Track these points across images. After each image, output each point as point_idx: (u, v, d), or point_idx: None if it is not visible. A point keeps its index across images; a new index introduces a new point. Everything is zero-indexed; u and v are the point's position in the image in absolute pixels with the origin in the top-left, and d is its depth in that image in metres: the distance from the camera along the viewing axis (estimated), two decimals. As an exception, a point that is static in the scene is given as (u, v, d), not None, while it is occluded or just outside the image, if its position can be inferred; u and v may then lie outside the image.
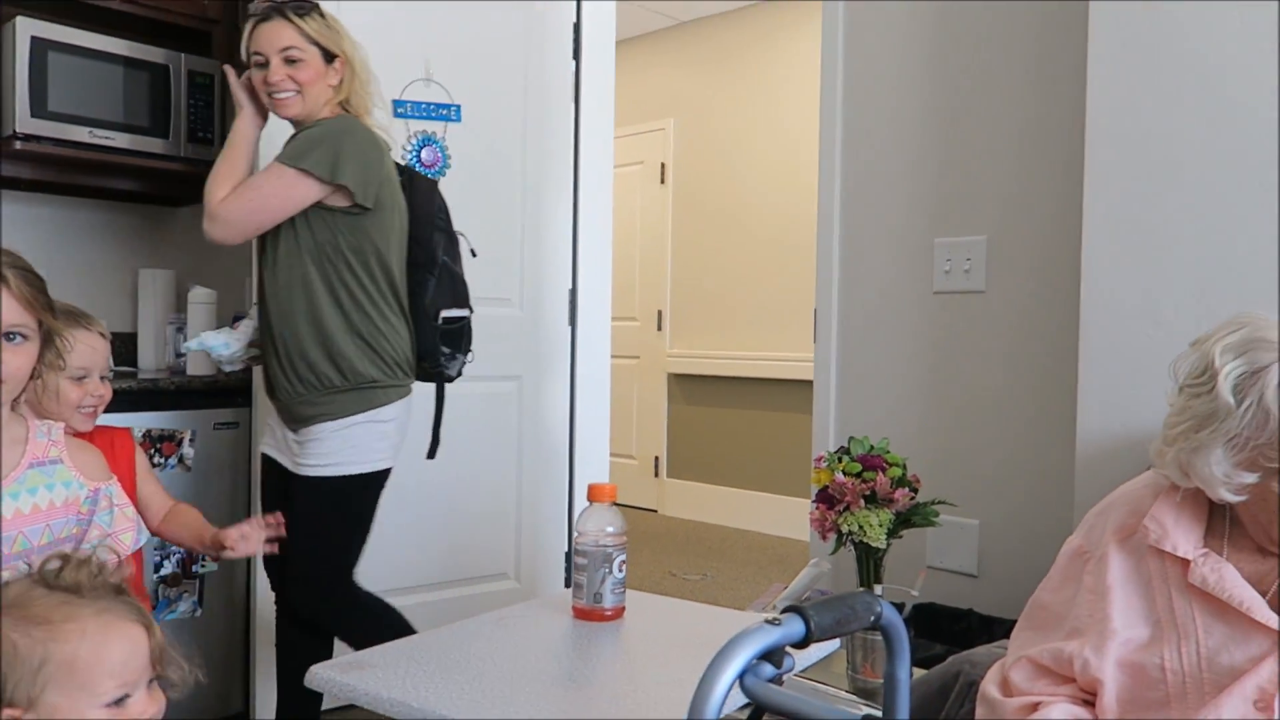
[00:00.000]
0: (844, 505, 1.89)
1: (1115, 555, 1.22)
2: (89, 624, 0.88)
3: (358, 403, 1.89)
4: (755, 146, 4.83)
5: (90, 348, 1.51)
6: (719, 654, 0.89)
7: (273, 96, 1.91)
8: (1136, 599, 1.19)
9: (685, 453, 5.17)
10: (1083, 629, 1.20)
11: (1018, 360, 2.27)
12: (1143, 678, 1.15)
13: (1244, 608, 1.10)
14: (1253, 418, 1.07)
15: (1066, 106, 2.12)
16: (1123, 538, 1.22)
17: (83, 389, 1.52)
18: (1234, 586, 1.12)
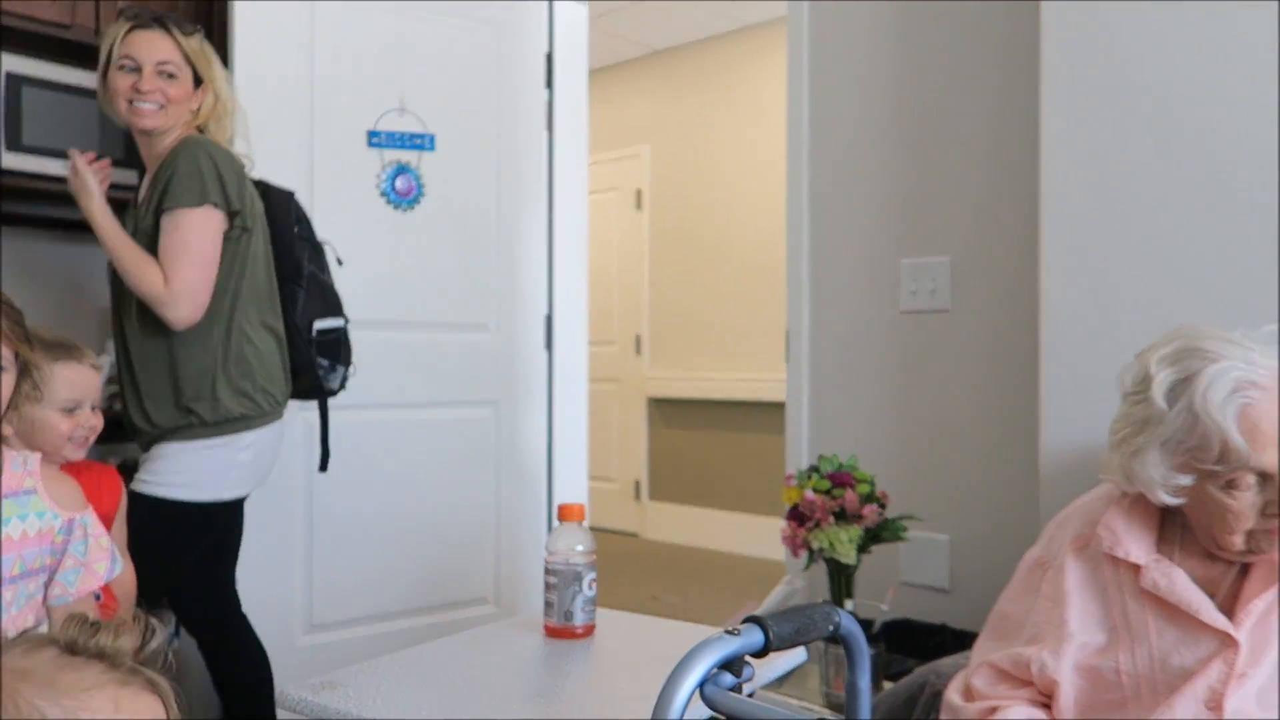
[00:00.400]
0: (814, 522, 1.93)
1: (1072, 564, 1.26)
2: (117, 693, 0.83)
3: (215, 430, 1.82)
4: (729, 172, 4.90)
5: (81, 379, 1.54)
6: (679, 664, 0.92)
7: (135, 105, 1.88)
8: (1093, 605, 1.23)
9: (666, 476, 5.19)
10: (1041, 635, 1.23)
11: (983, 377, 2.32)
12: (1099, 681, 1.19)
13: (1193, 610, 1.14)
14: (1183, 421, 1.12)
15: (1026, 130, 2.18)
16: (1079, 547, 1.27)
17: (74, 420, 1.54)
18: (1184, 590, 1.16)
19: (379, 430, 2.62)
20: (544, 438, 2.96)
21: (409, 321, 2.68)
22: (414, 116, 2.66)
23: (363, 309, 2.59)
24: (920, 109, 2.41)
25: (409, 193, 2.67)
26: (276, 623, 2.42)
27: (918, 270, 2.40)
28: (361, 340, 2.58)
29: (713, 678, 0.94)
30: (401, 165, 2.65)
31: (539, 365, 2.95)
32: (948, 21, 2.36)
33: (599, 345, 5.20)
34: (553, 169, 2.98)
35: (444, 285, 2.74)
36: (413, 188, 2.67)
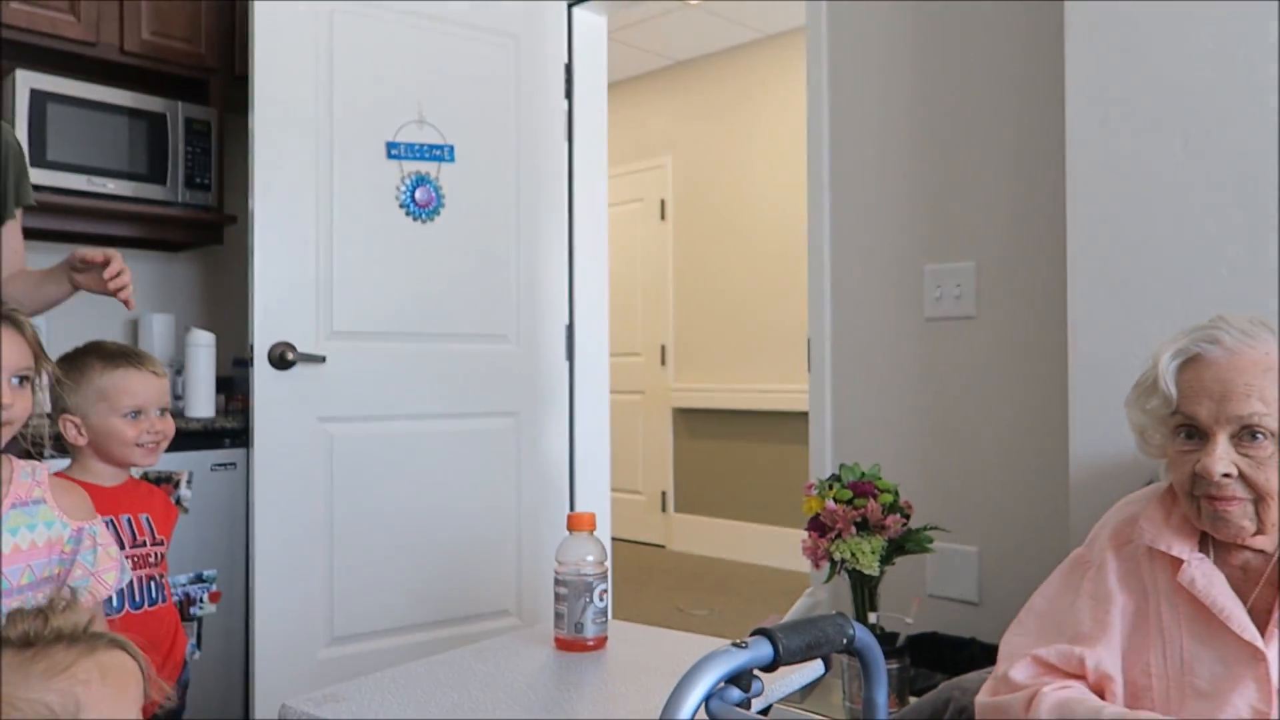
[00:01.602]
0: (835, 533, 1.88)
1: (1112, 561, 1.23)
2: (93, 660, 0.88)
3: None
4: (752, 181, 4.87)
5: (141, 386, 1.58)
6: (683, 678, 0.89)
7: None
8: (1134, 602, 1.19)
9: (692, 487, 5.15)
10: (1087, 634, 1.20)
11: (1010, 385, 2.26)
12: (1132, 686, 1.15)
13: (1224, 615, 1.10)
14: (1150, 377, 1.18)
15: (1051, 132, 2.14)
16: (1119, 544, 1.24)
17: (137, 427, 1.58)
18: (1220, 594, 1.12)
19: (399, 442, 2.61)
20: (565, 448, 2.94)
21: (429, 333, 2.68)
22: (433, 128, 2.66)
23: (383, 320, 2.59)
24: (942, 112, 2.37)
25: (429, 204, 2.67)
26: (298, 634, 2.42)
27: (942, 276, 2.36)
28: (382, 351, 2.59)
29: (719, 692, 0.91)
30: (421, 176, 2.65)
31: (560, 376, 2.93)
32: (969, 24, 2.33)
33: (624, 356, 5.18)
34: (572, 179, 2.97)
35: (464, 296, 2.73)
36: (432, 199, 2.67)
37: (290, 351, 2.42)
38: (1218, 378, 1.11)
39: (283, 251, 2.44)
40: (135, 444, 1.58)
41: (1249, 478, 1.09)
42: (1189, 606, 1.14)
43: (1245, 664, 1.08)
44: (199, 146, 2.62)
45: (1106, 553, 1.24)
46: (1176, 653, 1.13)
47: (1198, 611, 1.13)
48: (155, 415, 1.61)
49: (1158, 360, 1.16)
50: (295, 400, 2.44)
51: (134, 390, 1.57)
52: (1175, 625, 1.14)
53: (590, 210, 3.02)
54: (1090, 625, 1.20)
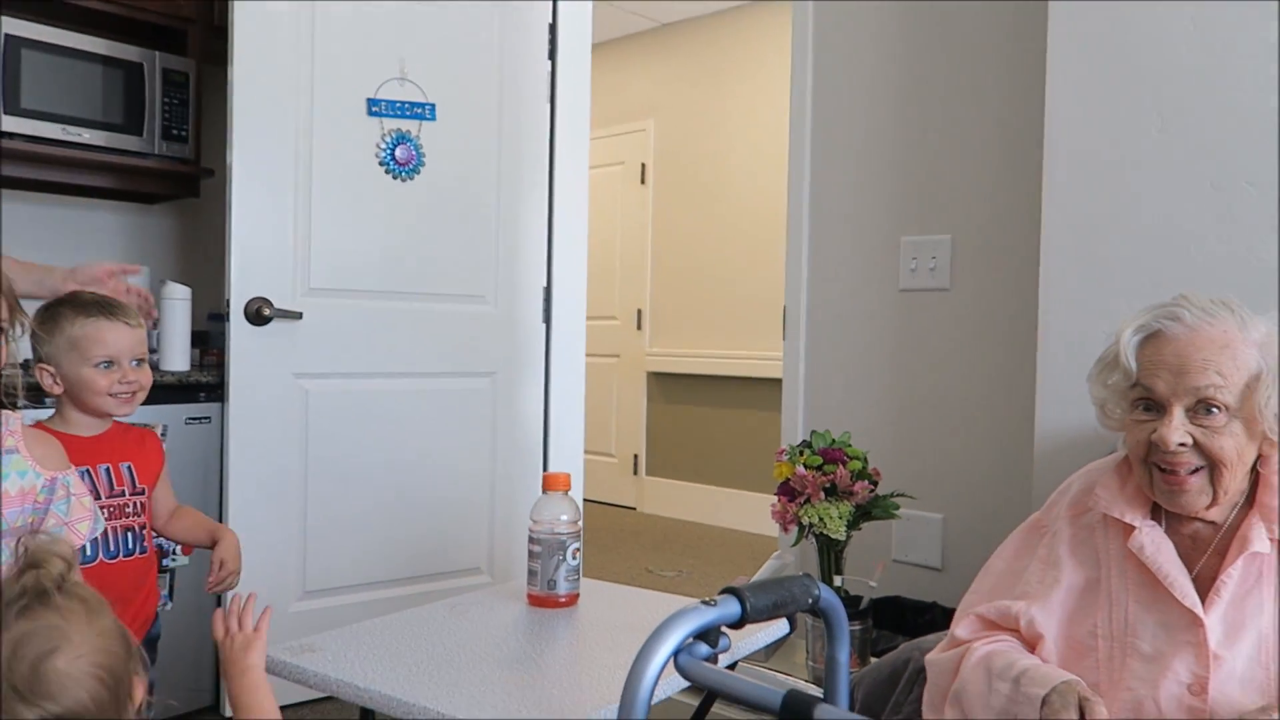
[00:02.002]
0: (805, 498, 1.92)
1: (1068, 529, 1.28)
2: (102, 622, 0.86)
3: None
4: (734, 147, 4.87)
5: (114, 336, 1.56)
6: (654, 633, 0.92)
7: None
8: (1083, 570, 1.24)
9: (664, 451, 5.20)
10: (1031, 593, 1.25)
11: (980, 357, 2.31)
12: (1077, 645, 1.21)
13: (1167, 582, 1.15)
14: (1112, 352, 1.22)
15: (1030, 109, 2.16)
16: (1076, 514, 1.29)
17: (109, 377, 1.56)
18: (1167, 562, 1.16)
19: (375, 400, 2.62)
20: (540, 410, 2.96)
21: (407, 292, 2.68)
22: (414, 85, 2.64)
23: (361, 278, 2.59)
24: (925, 88, 2.39)
25: (409, 162, 2.65)
26: (270, 588, 2.43)
27: (918, 248, 2.39)
28: (359, 309, 2.59)
29: (688, 647, 0.94)
30: (402, 134, 2.63)
31: (537, 337, 2.95)
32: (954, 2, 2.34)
33: (600, 320, 5.19)
34: (554, 141, 2.96)
35: (443, 256, 2.73)
36: (413, 157, 2.66)
37: (267, 307, 2.42)
38: (1176, 353, 1.15)
39: (260, 206, 2.43)
40: (108, 394, 1.57)
41: (1203, 446, 1.13)
42: (1137, 573, 1.19)
43: (1185, 630, 1.13)
44: (176, 98, 2.59)
45: (1062, 520, 1.29)
46: (1122, 616, 1.18)
47: (1145, 577, 1.18)
48: (130, 365, 1.60)
49: (1120, 336, 1.20)
50: (271, 356, 2.44)
51: (105, 340, 1.56)
52: (1123, 590, 1.19)
53: (571, 173, 3.01)
54: (1035, 586, 1.26)
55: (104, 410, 1.60)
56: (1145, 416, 1.17)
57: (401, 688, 1.03)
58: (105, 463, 1.62)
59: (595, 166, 3.56)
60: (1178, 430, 1.13)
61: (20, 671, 0.76)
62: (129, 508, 1.62)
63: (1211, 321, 1.15)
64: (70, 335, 1.55)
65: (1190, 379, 1.13)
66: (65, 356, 1.56)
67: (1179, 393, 1.14)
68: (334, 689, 1.06)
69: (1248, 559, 1.13)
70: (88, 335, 1.55)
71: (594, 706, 1.01)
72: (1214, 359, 1.13)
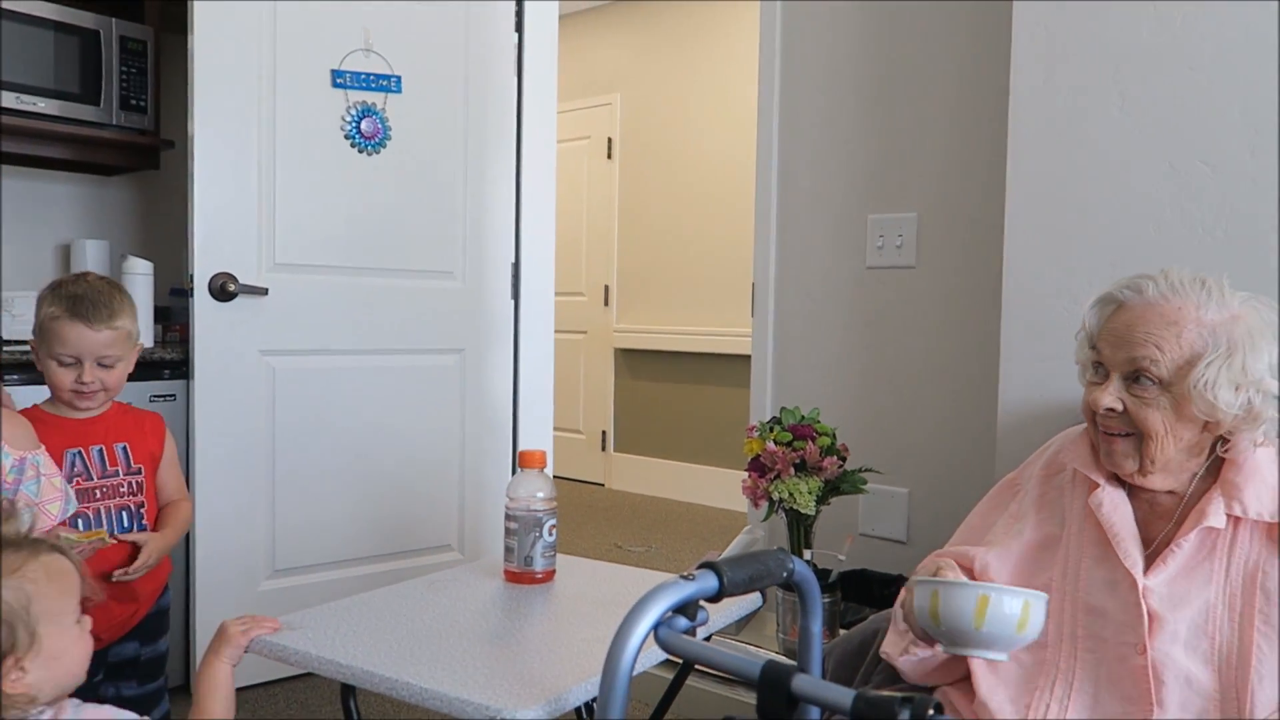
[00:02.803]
0: (775, 473, 1.95)
1: (1038, 489, 1.33)
2: (39, 562, 1.00)
3: None
4: (701, 122, 4.86)
5: (75, 336, 1.53)
6: (635, 607, 0.93)
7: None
8: (1047, 527, 1.29)
9: (632, 427, 5.22)
10: (994, 542, 1.31)
11: (946, 333, 2.34)
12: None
13: (1116, 541, 1.19)
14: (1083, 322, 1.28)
15: (996, 89, 2.18)
16: (1049, 473, 1.34)
17: (68, 374, 1.55)
18: (1120, 523, 1.21)
19: (343, 376, 2.60)
20: (509, 386, 2.96)
21: (374, 268, 2.65)
22: (380, 57, 2.61)
23: (327, 253, 2.56)
24: (890, 65, 2.40)
25: (375, 136, 2.62)
26: (239, 567, 2.43)
27: (885, 225, 2.41)
28: (326, 285, 2.56)
29: (667, 621, 0.96)
30: (367, 107, 2.60)
31: (505, 314, 2.94)
32: (922, -26, 2.34)
33: (568, 296, 5.18)
34: (521, 114, 2.94)
35: (409, 231, 2.71)
36: (378, 131, 2.63)
37: (231, 283, 2.38)
38: (1127, 323, 1.20)
39: (223, 179, 2.39)
40: (69, 389, 1.55)
41: (1131, 413, 1.18)
42: (1095, 530, 1.23)
43: (1127, 589, 1.18)
44: (134, 66, 2.53)
45: (1035, 479, 1.35)
46: (1074, 569, 1.23)
47: (1101, 535, 1.22)
48: (91, 366, 1.56)
49: (1090, 304, 1.26)
50: (236, 332, 2.41)
51: (66, 338, 1.53)
52: (1079, 545, 1.24)
53: (539, 147, 3.00)
54: (999, 536, 1.31)
55: (63, 401, 1.59)
56: (1095, 379, 1.23)
57: (384, 663, 1.04)
58: (98, 443, 1.61)
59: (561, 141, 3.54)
60: (1109, 394, 1.19)
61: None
62: (124, 487, 1.62)
63: (1170, 298, 1.18)
64: (41, 320, 1.56)
65: (1129, 349, 1.18)
66: (39, 340, 1.57)
67: (1118, 361, 1.20)
68: (315, 666, 1.06)
69: (1203, 532, 1.16)
70: (52, 329, 1.54)
71: (576, 679, 1.03)
72: (1156, 333, 1.17)
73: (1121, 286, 1.23)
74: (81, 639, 1.03)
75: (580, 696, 1.01)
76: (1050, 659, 1.21)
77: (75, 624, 1.02)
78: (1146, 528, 1.22)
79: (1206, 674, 1.12)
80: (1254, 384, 1.14)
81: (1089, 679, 1.18)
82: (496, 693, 0.98)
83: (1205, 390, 1.13)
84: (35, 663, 0.97)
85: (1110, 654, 1.17)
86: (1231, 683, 1.11)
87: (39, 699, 0.98)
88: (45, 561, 1.00)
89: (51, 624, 0.99)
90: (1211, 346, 1.15)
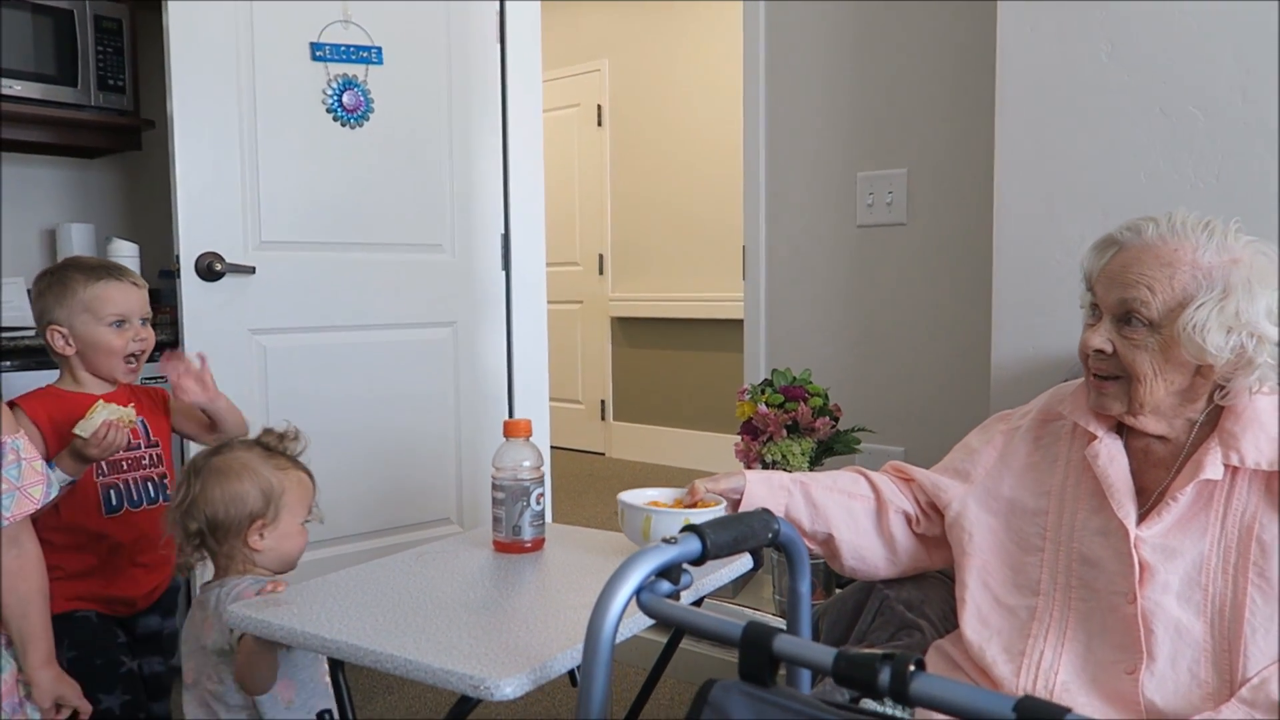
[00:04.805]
0: (767, 436, 1.94)
1: (1033, 431, 1.33)
2: (296, 473, 1.44)
3: None
4: (690, 86, 4.81)
5: (123, 295, 1.66)
6: (616, 572, 0.93)
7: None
8: (1037, 473, 1.29)
9: (631, 395, 5.21)
10: (971, 476, 1.33)
11: (938, 290, 2.32)
12: (1024, 542, 1.26)
13: (1110, 492, 1.18)
14: None
15: (984, 42, 2.15)
16: (1044, 418, 1.33)
17: (124, 335, 1.66)
18: (1116, 475, 1.20)
19: (334, 353, 2.59)
20: (503, 358, 2.95)
21: (362, 242, 2.63)
22: (359, 28, 2.57)
23: (314, 230, 2.54)
24: (877, 21, 2.36)
25: (357, 108, 2.59)
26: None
27: (875, 182, 2.38)
28: (314, 261, 2.54)
29: (650, 585, 0.95)
30: (348, 79, 2.57)
31: (497, 285, 2.92)
32: (907, -76, 2.30)
33: (563, 266, 5.16)
34: (506, 82, 2.90)
35: (397, 204, 2.68)
36: (361, 103, 2.59)
37: (218, 262, 2.37)
38: (1121, 264, 1.18)
39: (205, 158, 2.36)
40: (124, 353, 1.65)
41: (1120, 355, 1.17)
42: (1090, 482, 1.23)
43: (1120, 540, 1.17)
44: (110, 45, 2.49)
45: (1030, 420, 1.34)
46: (1070, 519, 1.23)
47: (1096, 487, 1.22)
48: (138, 324, 1.68)
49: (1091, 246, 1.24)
50: (225, 312, 2.40)
51: (116, 300, 1.64)
52: (1076, 495, 1.24)
53: (525, 115, 2.96)
54: (982, 475, 1.32)
55: (113, 376, 1.69)
56: (1090, 320, 1.22)
57: (368, 636, 1.03)
58: None
59: (550, 109, 3.50)
60: (1099, 335, 1.18)
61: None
62: (145, 460, 1.72)
63: (1168, 240, 1.16)
64: (82, 298, 1.64)
65: (1121, 290, 1.16)
66: (79, 318, 1.64)
67: (1110, 302, 1.18)
68: (300, 641, 1.06)
69: (1200, 483, 1.15)
70: (99, 296, 1.63)
71: (561, 646, 1.02)
72: (1149, 274, 1.15)
73: (1122, 228, 1.21)
74: (303, 535, 1.44)
75: (565, 664, 1.01)
76: (1043, 608, 1.21)
77: (302, 524, 1.43)
78: (1140, 477, 1.21)
79: (1199, 625, 1.11)
80: (1246, 327, 1.11)
81: (1081, 628, 1.18)
82: (481, 663, 0.97)
83: (1194, 333, 1.11)
84: (271, 534, 1.39)
85: (1102, 603, 1.17)
86: (1224, 635, 1.10)
87: (260, 564, 1.39)
88: (298, 475, 1.44)
89: (288, 513, 1.40)
90: (1205, 289, 1.12)
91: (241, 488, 1.37)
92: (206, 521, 1.37)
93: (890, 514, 1.37)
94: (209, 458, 1.42)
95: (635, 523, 1.27)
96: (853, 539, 1.35)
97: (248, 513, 1.37)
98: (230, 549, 1.38)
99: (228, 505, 1.36)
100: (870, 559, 1.37)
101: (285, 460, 1.44)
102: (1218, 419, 1.18)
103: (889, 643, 1.39)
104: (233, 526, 1.37)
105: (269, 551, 1.39)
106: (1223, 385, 1.17)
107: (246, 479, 1.38)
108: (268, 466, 1.40)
